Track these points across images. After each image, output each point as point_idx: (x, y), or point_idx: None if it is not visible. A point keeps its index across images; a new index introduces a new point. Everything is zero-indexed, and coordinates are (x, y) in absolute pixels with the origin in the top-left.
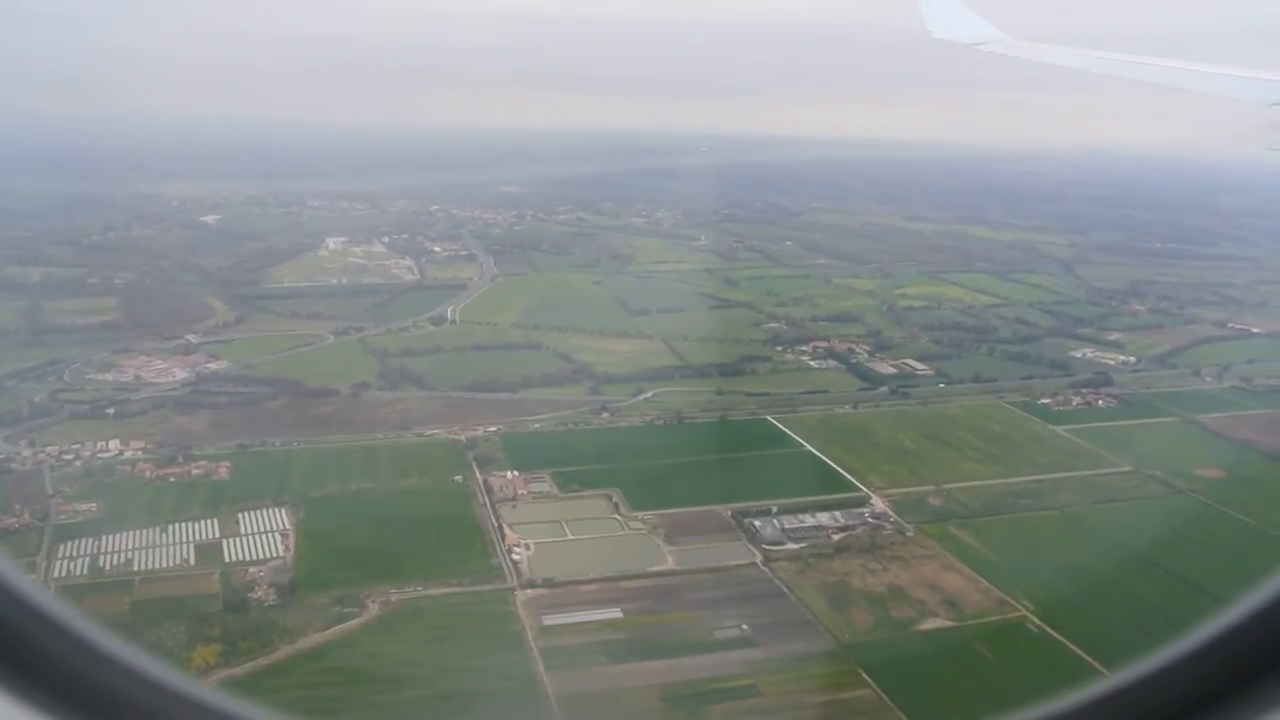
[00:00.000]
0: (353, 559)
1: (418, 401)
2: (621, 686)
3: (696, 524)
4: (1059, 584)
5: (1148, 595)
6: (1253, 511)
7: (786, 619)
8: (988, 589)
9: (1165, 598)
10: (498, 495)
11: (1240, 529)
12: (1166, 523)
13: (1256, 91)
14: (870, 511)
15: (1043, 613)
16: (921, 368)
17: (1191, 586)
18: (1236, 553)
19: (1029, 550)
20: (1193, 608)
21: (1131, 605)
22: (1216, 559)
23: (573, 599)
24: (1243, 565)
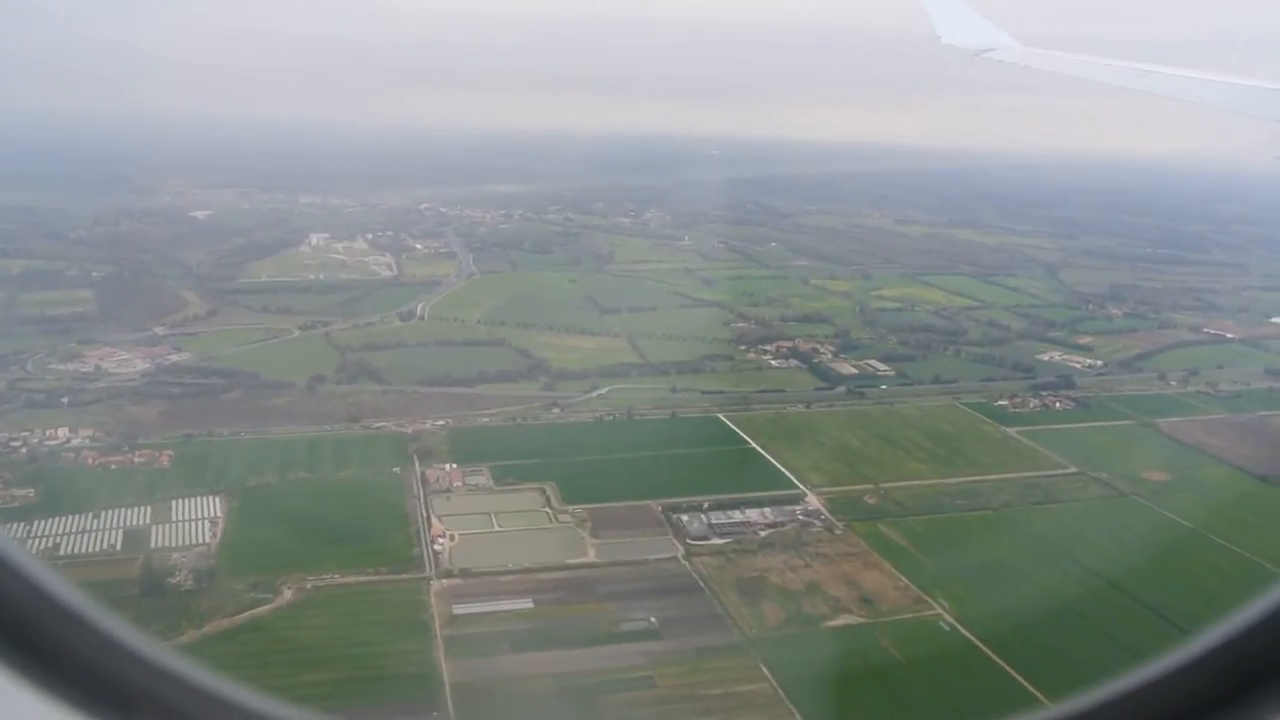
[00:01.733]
0: (277, 547)
1: (372, 395)
2: (517, 675)
3: (626, 518)
4: (979, 583)
5: (1067, 594)
6: (1191, 515)
7: (697, 613)
8: (906, 587)
9: (1084, 597)
10: (432, 487)
11: (1175, 531)
12: (1100, 524)
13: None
14: (803, 509)
15: (957, 611)
16: (883, 368)
17: (1113, 586)
18: (1165, 554)
19: (956, 550)
20: (1109, 607)
21: (1048, 604)
22: (1143, 560)
23: (487, 589)
24: (1169, 567)
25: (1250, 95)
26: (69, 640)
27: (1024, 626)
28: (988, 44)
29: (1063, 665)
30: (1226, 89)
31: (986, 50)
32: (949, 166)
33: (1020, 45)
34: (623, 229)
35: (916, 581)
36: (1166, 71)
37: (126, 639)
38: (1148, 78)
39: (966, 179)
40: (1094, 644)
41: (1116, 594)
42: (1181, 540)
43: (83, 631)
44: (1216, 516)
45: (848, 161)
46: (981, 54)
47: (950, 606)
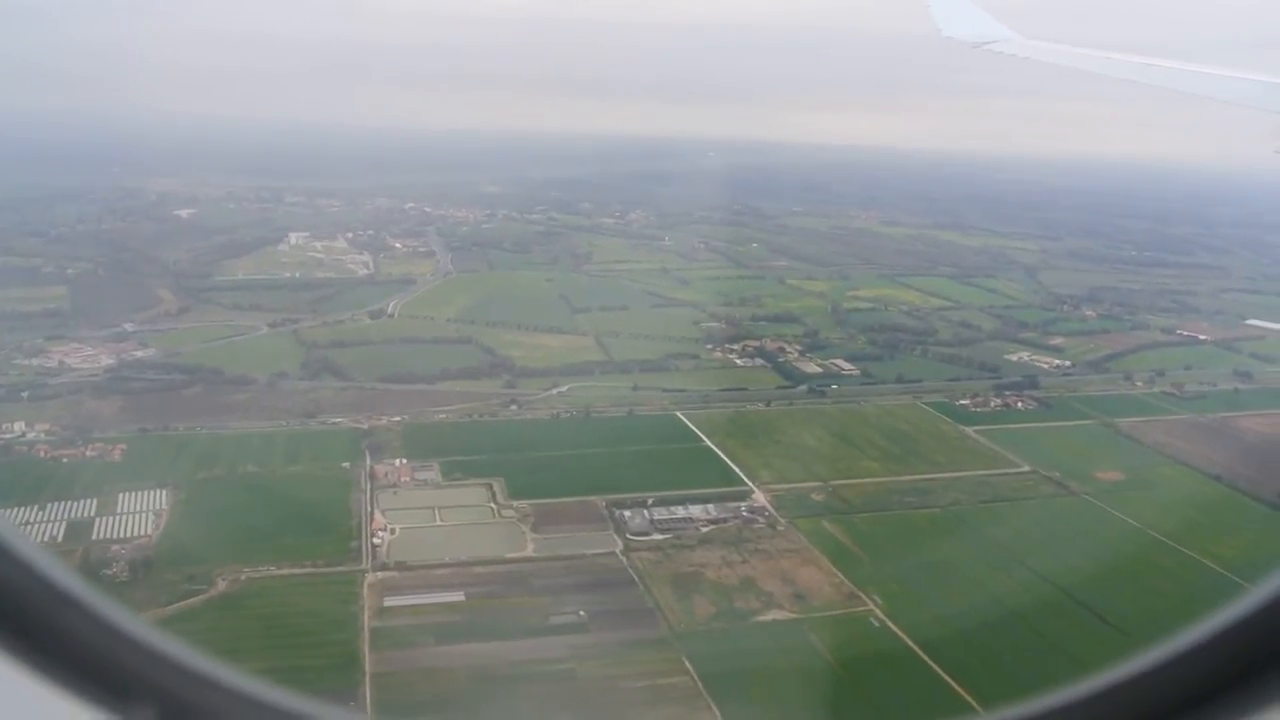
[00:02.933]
0: (217, 539)
1: (332, 391)
2: (438, 667)
3: (569, 513)
4: (916, 581)
5: (1002, 592)
6: (1138, 514)
7: (627, 607)
8: (842, 583)
9: (1020, 594)
10: (380, 482)
11: (1120, 531)
12: (1046, 523)
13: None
14: (748, 506)
15: (889, 608)
16: (848, 368)
17: (1049, 584)
18: (1107, 553)
19: (898, 547)
20: (1044, 605)
21: (983, 601)
22: (1084, 558)
23: (420, 582)
24: (1110, 566)
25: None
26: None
27: (955, 624)
28: (988, 37)
29: (990, 663)
30: (1228, 82)
31: (987, 43)
32: (943, 169)
33: (1021, 38)
34: (605, 229)
35: (853, 578)
36: (1168, 65)
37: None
38: (1149, 71)
39: (959, 182)
40: (1025, 642)
41: (1053, 592)
42: (1126, 540)
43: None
44: (1165, 516)
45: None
46: (982, 46)
47: (883, 603)
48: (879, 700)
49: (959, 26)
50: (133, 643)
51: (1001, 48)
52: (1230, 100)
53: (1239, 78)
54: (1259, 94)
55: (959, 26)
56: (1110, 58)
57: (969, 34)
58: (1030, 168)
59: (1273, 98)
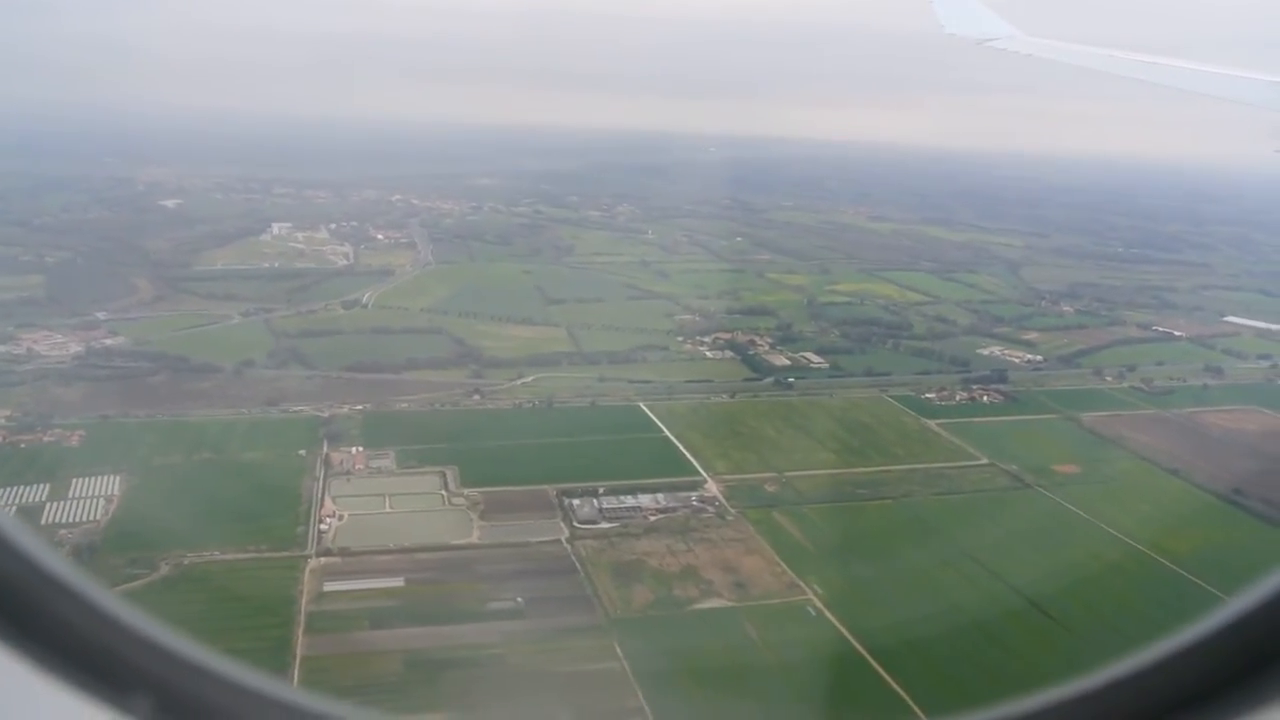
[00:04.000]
0: (165, 524)
1: (297, 380)
2: (369, 651)
3: (519, 502)
4: (859, 570)
5: (945, 584)
6: (1090, 507)
7: (566, 594)
8: (784, 573)
9: (962, 586)
10: (334, 469)
11: (1069, 523)
12: (997, 515)
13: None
14: (699, 495)
15: (828, 597)
16: (817, 360)
17: (993, 576)
18: (1055, 546)
19: (845, 537)
20: (983, 595)
21: (923, 593)
22: (1032, 551)
23: (361, 568)
24: (1054, 557)
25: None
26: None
27: (892, 614)
28: (991, 33)
29: (922, 652)
30: (1230, 81)
31: (990, 40)
32: (940, 166)
33: (1024, 35)
34: (591, 222)
35: (795, 568)
36: (1170, 63)
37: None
38: (1151, 69)
39: (954, 178)
40: (960, 632)
41: (994, 583)
42: (1075, 533)
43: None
44: (1116, 509)
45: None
46: (985, 43)
47: (822, 593)
48: (804, 685)
49: (962, 23)
50: (130, 634)
51: (1004, 45)
52: (1232, 99)
53: (1241, 77)
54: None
55: (962, 23)
56: (1112, 55)
57: (972, 31)
58: (1028, 165)
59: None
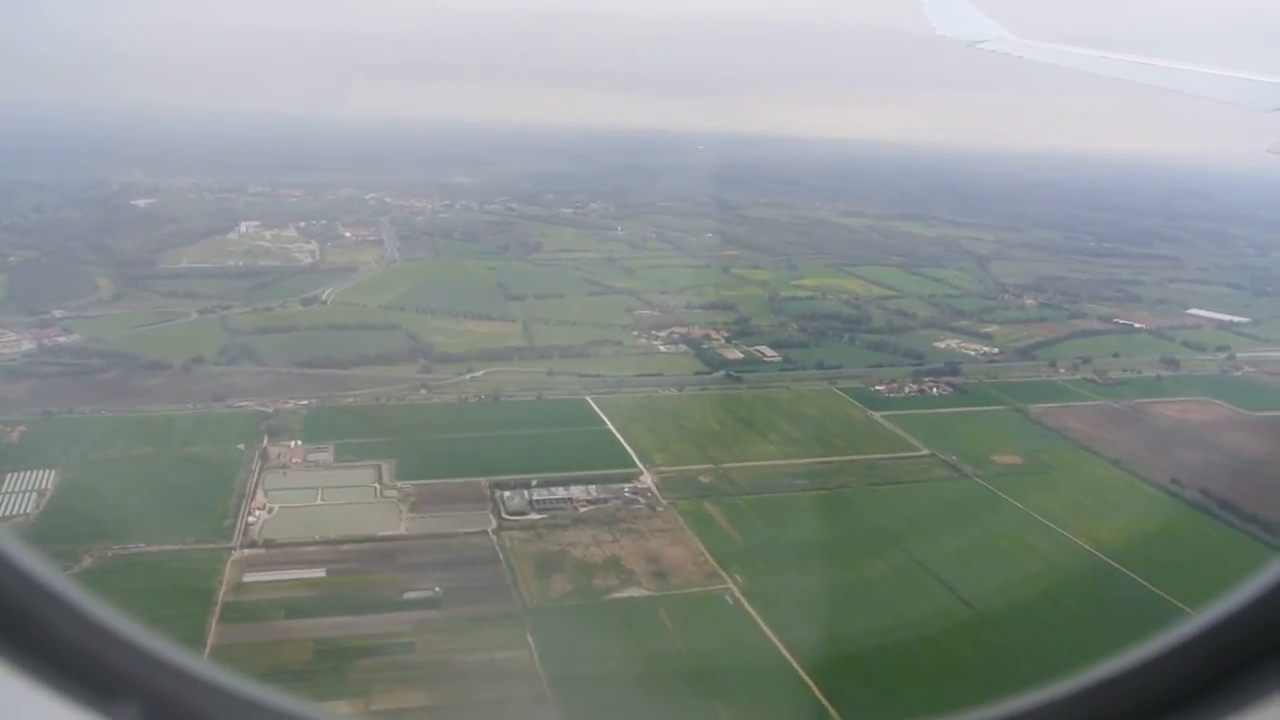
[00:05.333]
0: (95, 517)
1: (246, 376)
2: (280, 640)
3: (451, 494)
4: (783, 560)
5: (867, 571)
6: (1026, 497)
7: (485, 584)
8: (706, 563)
9: (886, 576)
10: (271, 463)
11: (1002, 513)
12: (930, 505)
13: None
14: (632, 487)
15: (748, 586)
16: (771, 354)
17: (919, 567)
18: (983, 536)
19: (776, 528)
20: (904, 582)
21: (845, 582)
22: (958, 540)
23: (284, 559)
24: (982, 546)
25: (1246, 88)
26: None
27: (809, 602)
28: (982, 35)
29: (835, 640)
30: (1222, 81)
31: (980, 41)
32: (924, 163)
33: (1015, 37)
34: (562, 219)
35: (718, 558)
36: (1161, 64)
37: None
38: (1142, 70)
39: (936, 174)
40: (875, 619)
41: (917, 571)
42: (1006, 522)
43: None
44: (1050, 499)
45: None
46: (975, 44)
47: (742, 582)
48: (711, 672)
49: (952, 25)
50: (117, 640)
51: (994, 46)
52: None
53: (1232, 76)
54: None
55: (952, 25)
56: (1103, 56)
57: (962, 32)
58: (1012, 162)
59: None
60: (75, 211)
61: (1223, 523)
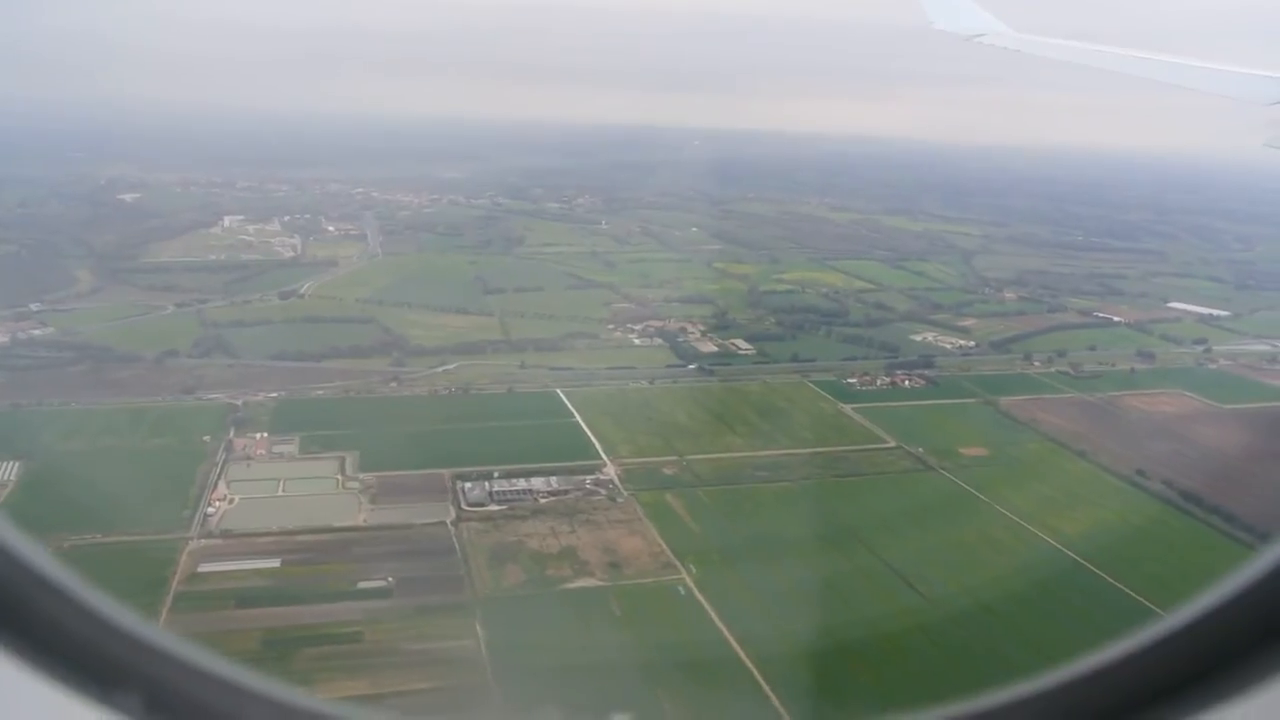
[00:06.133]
0: (54, 508)
1: (218, 369)
2: (227, 629)
3: (413, 486)
4: (739, 551)
5: (823, 562)
6: (989, 488)
7: (438, 574)
8: (662, 553)
9: (838, 564)
10: (235, 454)
11: (964, 504)
12: (892, 497)
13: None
14: (594, 479)
15: (701, 577)
16: (746, 347)
17: (871, 554)
18: (942, 526)
19: (733, 519)
20: (859, 573)
21: (799, 573)
22: (917, 531)
23: (240, 549)
24: (941, 536)
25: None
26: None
27: (761, 592)
28: (979, 29)
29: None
30: (1220, 76)
31: (977, 35)
32: (916, 157)
33: (1012, 31)
34: (548, 214)
35: (675, 549)
36: (1158, 58)
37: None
38: (1140, 65)
39: (927, 169)
40: (828, 607)
41: (872, 562)
42: (967, 513)
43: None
44: (1014, 490)
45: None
46: (973, 39)
47: (696, 573)
48: (656, 661)
49: (950, 19)
50: (117, 631)
51: (992, 41)
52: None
53: (1231, 71)
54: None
55: (950, 19)
56: (1100, 51)
57: (959, 27)
58: (1005, 157)
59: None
60: (60, 205)
61: (1185, 514)
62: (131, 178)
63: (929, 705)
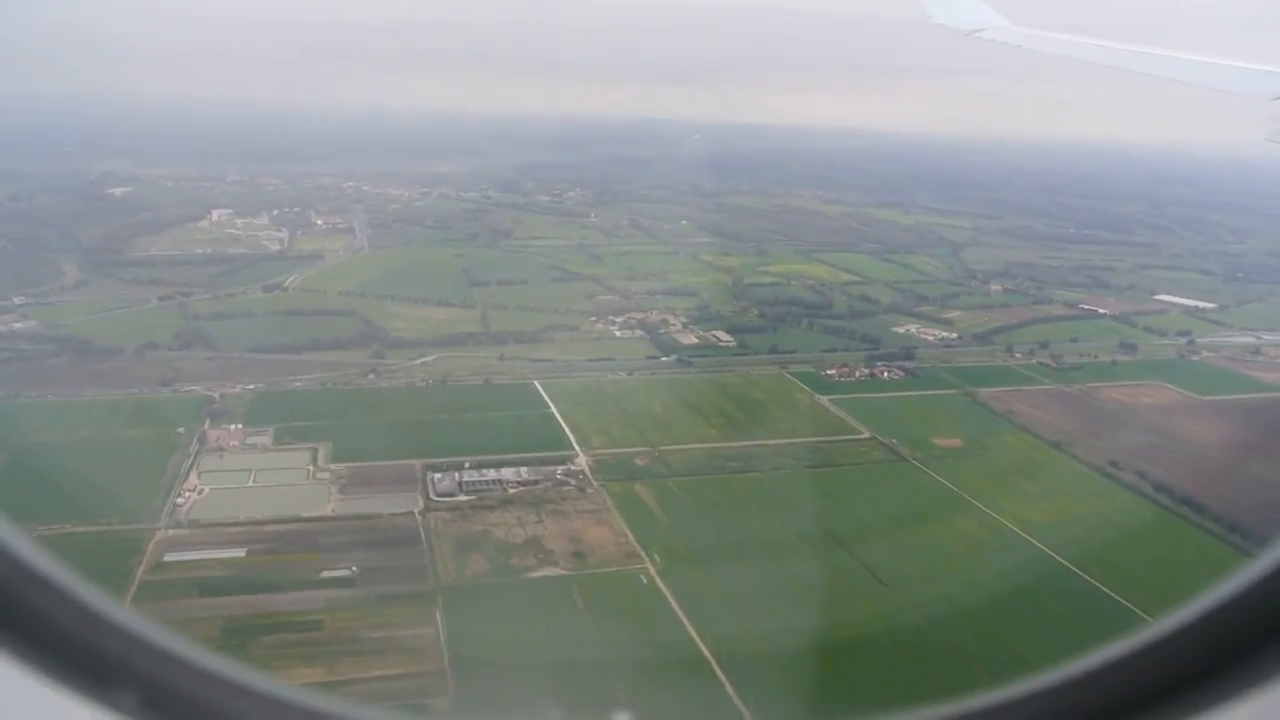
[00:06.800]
0: (23, 499)
1: (197, 361)
2: (191, 618)
3: (383, 476)
4: (703, 540)
5: (787, 551)
6: (960, 479)
7: (403, 564)
8: (627, 543)
9: (801, 553)
10: (208, 446)
11: (934, 494)
12: (862, 487)
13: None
14: (565, 469)
15: (665, 566)
16: (726, 339)
17: (837, 544)
18: (909, 516)
19: (701, 509)
20: (824, 563)
21: (763, 561)
22: (885, 521)
23: (206, 539)
24: (909, 528)
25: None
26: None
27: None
28: (979, 23)
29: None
30: (1221, 70)
31: (978, 30)
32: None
33: (1013, 25)
34: (537, 207)
35: (640, 538)
36: (1160, 53)
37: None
38: (1141, 59)
39: (923, 162)
40: (788, 595)
41: (837, 551)
42: (936, 503)
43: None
44: (985, 480)
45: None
46: (973, 33)
47: (660, 562)
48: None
49: (950, 14)
50: (115, 629)
51: (993, 35)
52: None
53: (1232, 65)
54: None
55: (950, 14)
56: (1101, 45)
57: (960, 21)
58: (1003, 150)
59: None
60: (50, 200)
61: (1155, 504)
62: (124, 172)
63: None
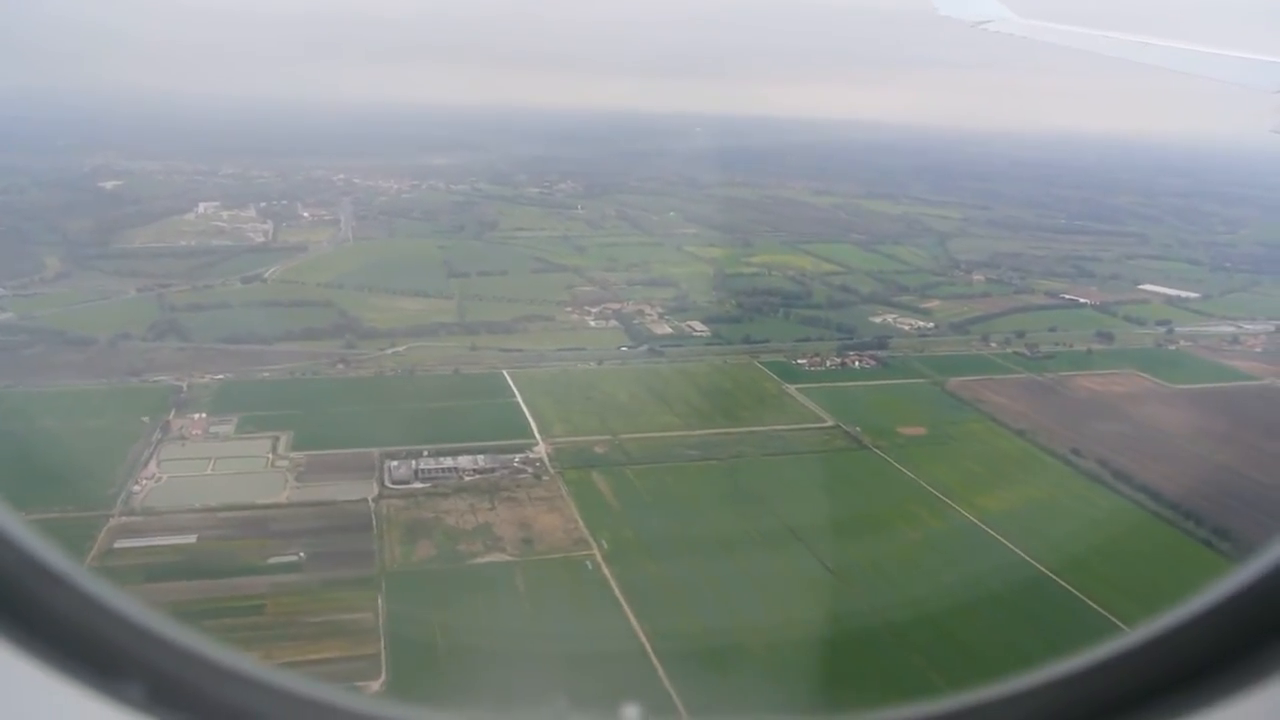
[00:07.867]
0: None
1: (168, 352)
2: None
3: (341, 464)
4: (654, 527)
5: (736, 537)
6: (920, 467)
7: (350, 550)
8: (577, 530)
9: (750, 539)
10: (171, 435)
11: (891, 482)
12: (821, 475)
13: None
14: (523, 457)
15: (612, 552)
16: (700, 329)
17: (788, 531)
18: (863, 504)
19: (656, 497)
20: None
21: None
22: (840, 508)
23: (159, 526)
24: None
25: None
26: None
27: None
28: (984, 15)
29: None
30: (1226, 62)
31: (983, 21)
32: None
33: (1017, 17)
34: (527, 199)
35: (590, 525)
36: (1165, 44)
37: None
38: (1146, 50)
39: (921, 153)
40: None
41: (787, 538)
42: (893, 491)
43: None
44: (944, 468)
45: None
46: (978, 25)
47: (607, 548)
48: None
49: (955, 5)
50: (120, 619)
51: (998, 27)
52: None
53: (1237, 57)
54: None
55: (955, 5)
56: (1106, 36)
57: (965, 12)
58: (1001, 141)
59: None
60: (39, 193)
61: (1112, 491)
62: (116, 165)
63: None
